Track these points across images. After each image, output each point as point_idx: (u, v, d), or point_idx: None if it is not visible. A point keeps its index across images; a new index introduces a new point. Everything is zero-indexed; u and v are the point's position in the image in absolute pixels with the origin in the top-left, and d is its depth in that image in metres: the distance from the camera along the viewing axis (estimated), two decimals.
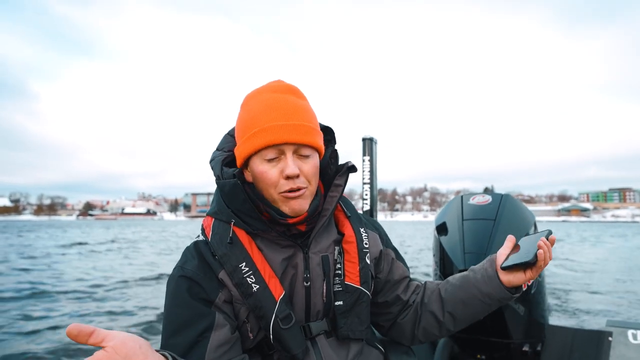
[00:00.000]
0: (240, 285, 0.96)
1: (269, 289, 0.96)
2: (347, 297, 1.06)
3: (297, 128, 0.96)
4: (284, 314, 0.97)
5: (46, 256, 14.60)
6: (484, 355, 1.93)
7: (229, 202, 1.01)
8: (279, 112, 0.96)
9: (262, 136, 0.95)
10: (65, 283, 8.91)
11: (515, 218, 1.91)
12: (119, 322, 5.73)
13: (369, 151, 2.10)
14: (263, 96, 1.01)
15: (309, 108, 1.04)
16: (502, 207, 1.92)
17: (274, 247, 1.03)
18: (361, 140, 2.09)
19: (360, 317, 1.08)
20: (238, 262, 0.97)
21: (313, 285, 1.05)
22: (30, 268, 11.26)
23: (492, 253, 1.91)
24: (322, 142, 1.06)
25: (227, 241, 0.98)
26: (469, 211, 1.98)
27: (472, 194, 2.07)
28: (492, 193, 2.02)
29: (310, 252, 1.05)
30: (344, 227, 1.13)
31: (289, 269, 1.03)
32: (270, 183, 0.97)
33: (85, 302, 7.13)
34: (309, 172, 0.99)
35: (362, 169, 2.11)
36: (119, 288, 8.29)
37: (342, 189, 1.10)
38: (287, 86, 1.04)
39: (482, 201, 1.99)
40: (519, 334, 1.87)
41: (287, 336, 0.96)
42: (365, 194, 2.11)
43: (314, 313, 1.06)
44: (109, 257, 14.88)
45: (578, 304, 6.89)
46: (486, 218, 1.92)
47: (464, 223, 1.94)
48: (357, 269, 1.08)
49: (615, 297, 7.52)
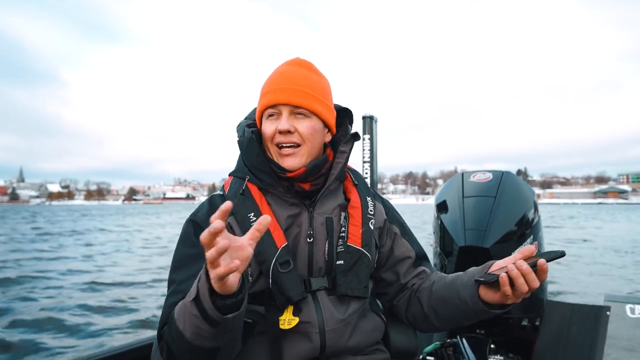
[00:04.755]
0: (247, 233, 1.05)
1: (272, 238, 1.05)
2: (348, 257, 1.11)
3: (294, 91, 1.08)
4: (283, 260, 1.04)
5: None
6: (483, 330, 1.95)
7: (246, 158, 1.14)
8: (282, 79, 1.11)
9: (265, 98, 1.11)
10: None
11: (515, 195, 1.90)
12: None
13: (368, 129, 2.10)
14: (278, 69, 1.16)
15: (316, 79, 1.13)
16: (502, 184, 1.91)
17: (281, 204, 1.12)
18: (361, 119, 2.11)
19: (359, 277, 1.11)
20: (247, 212, 1.07)
21: (316, 242, 1.11)
22: None
23: (493, 229, 1.94)
24: (326, 111, 1.14)
25: (240, 193, 1.10)
26: (469, 189, 1.98)
27: (472, 171, 2.06)
28: (493, 170, 2.00)
29: (315, 213, 1.13)
30: (351, 194, 1.21)
31: (294, 226, 1.12)
32: (267, 137, 1.11)
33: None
34: (304, 131, 1.09)
35: (362, 147, 2.11)
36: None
37: (347, 155, 1.19)
38: (301, 61, 1.17)
39: (483, 179, 1.98)
40: (518, 309, 1.88)
41: (285, 280, 1.03)
42: (365, 172, 2.14)
43: (316, 269, 1.11)
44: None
45: (577, 280, 6.72)
46: (487, 195, 1.92)
47: (464, 200, 1.95)
48: (359, 232, 1.14)
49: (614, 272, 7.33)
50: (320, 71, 1.19)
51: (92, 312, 6.02)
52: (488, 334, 1.94)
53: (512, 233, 1.84)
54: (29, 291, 7.35)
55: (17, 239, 18.36)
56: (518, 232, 1.86)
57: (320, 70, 1.19)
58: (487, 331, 1.95)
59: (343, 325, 1.08)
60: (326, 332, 1.05)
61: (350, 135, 1.20)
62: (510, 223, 1.85)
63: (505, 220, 1.84)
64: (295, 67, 1.14)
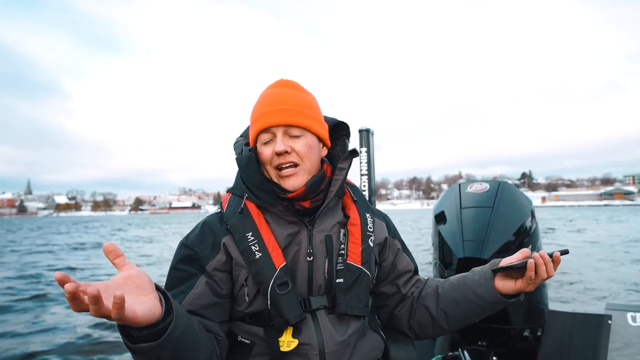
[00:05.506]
0: (244, 252, 1.06)
1: (270, 258, 1.05)
2: (348, 275, 1.10)
3: (284, 112, 1.09)
4: (281, 281, 1.04)
5: None
6: (485, 342, 1.94)
7: (244, 176, 1.14)
8: (270, 101, 1.11)
9: (257, 123, 1.11)
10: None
11: (513, 205, 1.90)
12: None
13: (365, 142, 2.13)
14: (264, 93, 1.16)
15: (302, 96, 1.14)
16: (499, 194, 1.92)
17: (280, 222, 1.12)
18: (357, 132, 2.13)
19: (359, 296, 1.11)
20: (245, 231, 1.07)
21: (315, 261, 1.11)
22: None
23: (491, 240, 1.94)
24: (318, 125, 1.15)
25: (238, 211, 1.11)
26: (467, 199, 1.99)
27: (469, 182, 2.07)
28: (490, 180, 2.01)
29: (315, 230, 1.13)
30: (350, 211, 1.21)
31: (293, 245, 1.11)
32: (265, 161, 1.11)
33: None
34: (300, 150, 1.09)
35: (360, 160, 2.13)
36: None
37: (346, 172, 1.19)
38: (285, 81, 1.17)
39: (480, 189, 1.99)
40: (519, 319, 1.87)
41: (283, 302, 1.03)
42: (363, 185, 2.16)
43: (315, 288, 1.11)
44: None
45: (578, 288, 6.67)
46: (484, 206, 1.92)
47: (462, 211, 1.95)
48: (359, 250, 1.13)
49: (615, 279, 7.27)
50: (305, 88, 1.20)
51: (91, 328, 5.85)
52: (490, 345, 1.93)
53: (511, 243, 1.84)
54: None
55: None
56: (516, 242, 1.86)
57: (304, 87, 1.20)
58: (489, 343, 1.94)
59: (343, 346, 1.07)
60: (326, 354, 1.05)
61: (348, 152, 1.20)
62: (508, 233, 1.85)
63: (504, 230, 1.85)
64: (280, 88, 1.15)
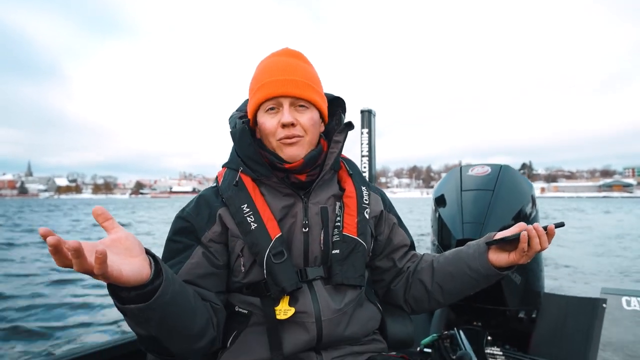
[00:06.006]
0: (240, 224, 1.07)
1: (265, 229, 1.06)
2: (344, 246, 1.11)
3: (293, 82, 1.07)
4: (276, 250, 1.05)
5: None
6: (480, 322, 1.97)
7: (239, 148, 1.13)
8: (277, 70, 1.09)
9: (263, 91, 1.08)
10: None
11: (514, 189, 1.90)
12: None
13: (367, 123, 2.11)
14: (268, 59, 1.14)
15: (309, 70, 1.14)
16: (500, 178, 1.92)
17: (275, 194, 1.13)
18: (359, 113, 2.11)
19: (355, 266, 1.12)
20: (241, 203, 1.08)
21: (311, 232, 1.12)
22: None
23: (491, 223, 1.94)
24: (322, 101, 1.15)
25: (233, 184, 1.11)
26: (467, 182, 1.99)
27: (471, 165, 2.07)
28: (491, 164, 2.01)
29: (310, 203, 1.13)
30: (346, 184, 1.21)
31: (289, 217, 1.12)
32: (269, 131, 1.09)
33: None
34: (305, 123, 1.09)
35: (361, 141, 2.12)
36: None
37: (342, 145, 1.19)
38: (290, 51, 1.16)
39: (481, 172, 1.99)
40: (514, 301, 1.90)
41: (279, 270, 1.04)
42: (364, 166, 2.15)
43: (312, 259, 1.12)
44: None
45: (574, 273, 6.76)
46: (485, 189, 1.92)
47: (462, 194, 1.96)
48: (355, 221, 1.14)
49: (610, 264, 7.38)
50: (309, 60, 1.18)
51: (81, 308, 5.71)
52: (485, 326, 1.96)
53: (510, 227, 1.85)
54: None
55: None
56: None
57: (309, 59, 1.18)
58: (484, 323, 1.97)
59: (339, 314, 1.09)
60: (323, 322, 1.06)
61: (344, 124, 1.20)
62: (507, 217, 1.86)
63: (503, 214, 1.85)
64: (288, 57, 1.13)
